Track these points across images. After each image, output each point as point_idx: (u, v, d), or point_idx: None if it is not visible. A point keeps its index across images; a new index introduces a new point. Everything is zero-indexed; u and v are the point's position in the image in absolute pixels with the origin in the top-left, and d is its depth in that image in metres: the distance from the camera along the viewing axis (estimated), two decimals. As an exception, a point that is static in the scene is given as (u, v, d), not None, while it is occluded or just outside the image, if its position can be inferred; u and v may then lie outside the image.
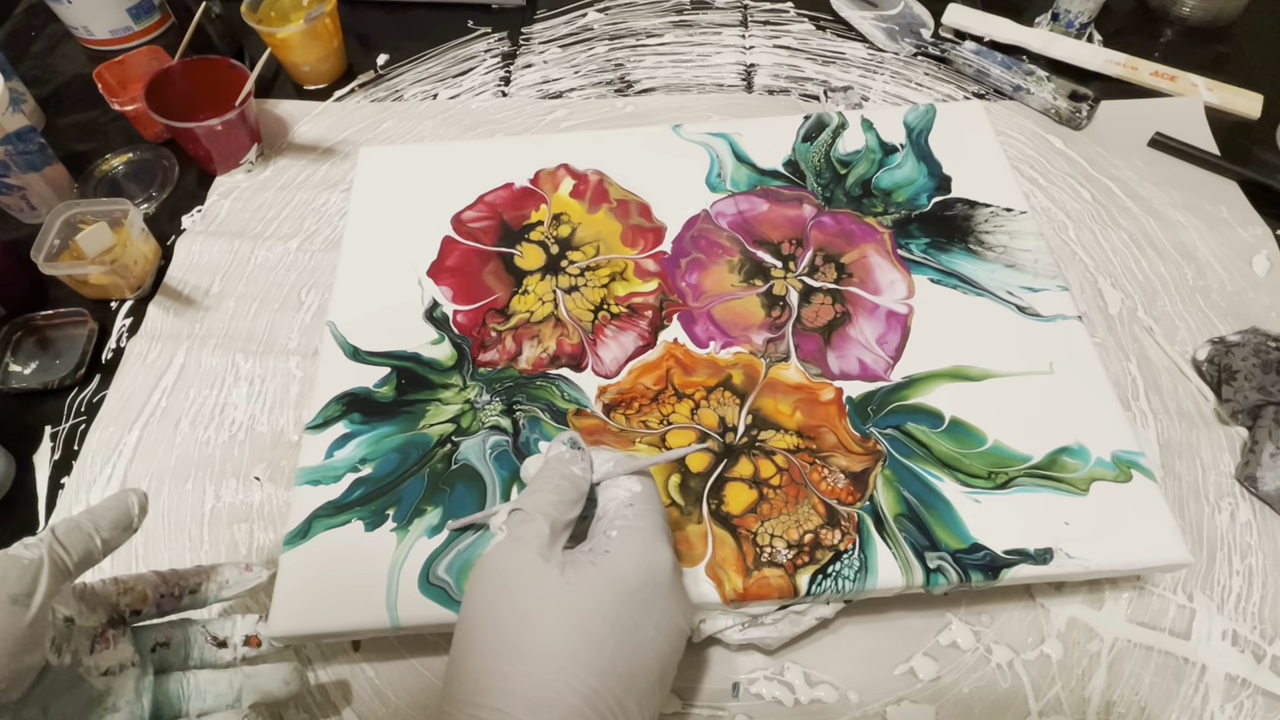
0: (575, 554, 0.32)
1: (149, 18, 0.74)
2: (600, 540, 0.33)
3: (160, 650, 0.37)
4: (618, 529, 0.33)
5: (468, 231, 0.53)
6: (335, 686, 0.41)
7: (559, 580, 0.31)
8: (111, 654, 0.34)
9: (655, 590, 0.32)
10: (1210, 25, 0.70)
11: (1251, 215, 0.58)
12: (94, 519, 0.34)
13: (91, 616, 0.34)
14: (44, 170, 0.60)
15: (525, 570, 0.31)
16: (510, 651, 0.30)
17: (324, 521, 0.41)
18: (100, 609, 0.35)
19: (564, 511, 0.33)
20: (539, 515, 0.33)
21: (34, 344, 0.55)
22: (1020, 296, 0.48)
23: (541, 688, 0.29)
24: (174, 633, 0.38)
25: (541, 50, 0.73)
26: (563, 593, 0.30)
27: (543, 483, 0.34)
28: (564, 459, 0.35)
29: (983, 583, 0.38)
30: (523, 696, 0.28)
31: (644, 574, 0.32)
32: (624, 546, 0.32)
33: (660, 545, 0.33)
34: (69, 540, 0.33)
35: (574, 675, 0.29)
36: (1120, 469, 0.41)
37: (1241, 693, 0.40)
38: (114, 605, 0.36)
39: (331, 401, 0.45)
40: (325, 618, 0.38)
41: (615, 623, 0.30)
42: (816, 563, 0.39)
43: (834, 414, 0.44)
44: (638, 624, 0.31)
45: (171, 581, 0.37)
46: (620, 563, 0.31)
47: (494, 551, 0.33)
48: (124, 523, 0.35)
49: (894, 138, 0.56)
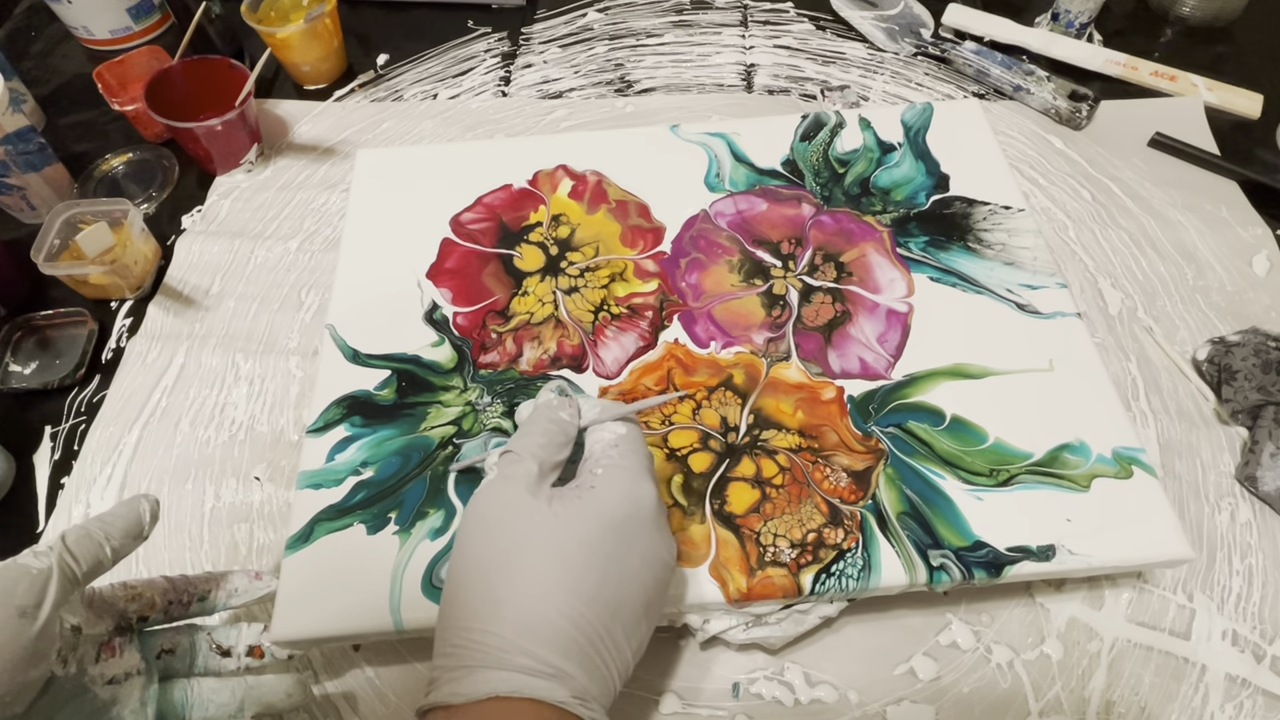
0: (562, 490, 0.33)
1: (149, 18, 0.74)
2: (586, 478, 0.34)
3: (165, 657, 0.36)
4: (603, 467, 0.34)
5: (466, 233, 0.53)
6: (335, 687, 0.41)
7: (546, 513, 0.32)
8: (117, 662, 0.34)
9: (639, 524, 0.33)
10: (1210, 25, 0.70)
11: (1251, 215, 0.58)
12: (105, 527, 0.34)
13: (99, 624, 0.34)
14: (44, 170, 0.60)
15: (514, 505, 0.32)
16: (500, 580, 0.31)
17: (326, 525, 0.41)
18: (108, 616, 0.34)
19: (552, 453, 0.34)
20: (528, 456, 0.34)
21: (34, 344, 0.55)
22: (1019, 294, 0.48)
23: (531, 613, 0.30)
24: (180, 639, 0.37)
25: (541, 50, 0.73)
26: (550, 524, 0.31)
27: (532, 427, 0.35)
28: (552, 405, 0.36)
29: (986, 580, 0.38)
30: (513, 620, 0.30)
31: (628, 508, 0.32)
32: (609, 482, 0.33)
33: (644, 482, 0.34)
34: (79, 549, 0.32)
35: (562, 600, 0.30)
36: (1121, 465, 0.41)
37: (1241, 693, 0.40)
38: (122, 612, 0.35)
39: (332, 404, 0.45)
40: (328, 622, 0.38)
41: (600, 552, 0.31)
42: (820, 562, 0.39)
43: (835, 413, 0.44)
44: (623, 555, 0.32)
45: (181, 588, 0.37)
46: (605, 497, 0.32)
47: (484, 489, 0.34)
48: (135, 531, 0.35)
49: (892, 136, 0.56)
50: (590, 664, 0.30)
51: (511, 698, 0.28)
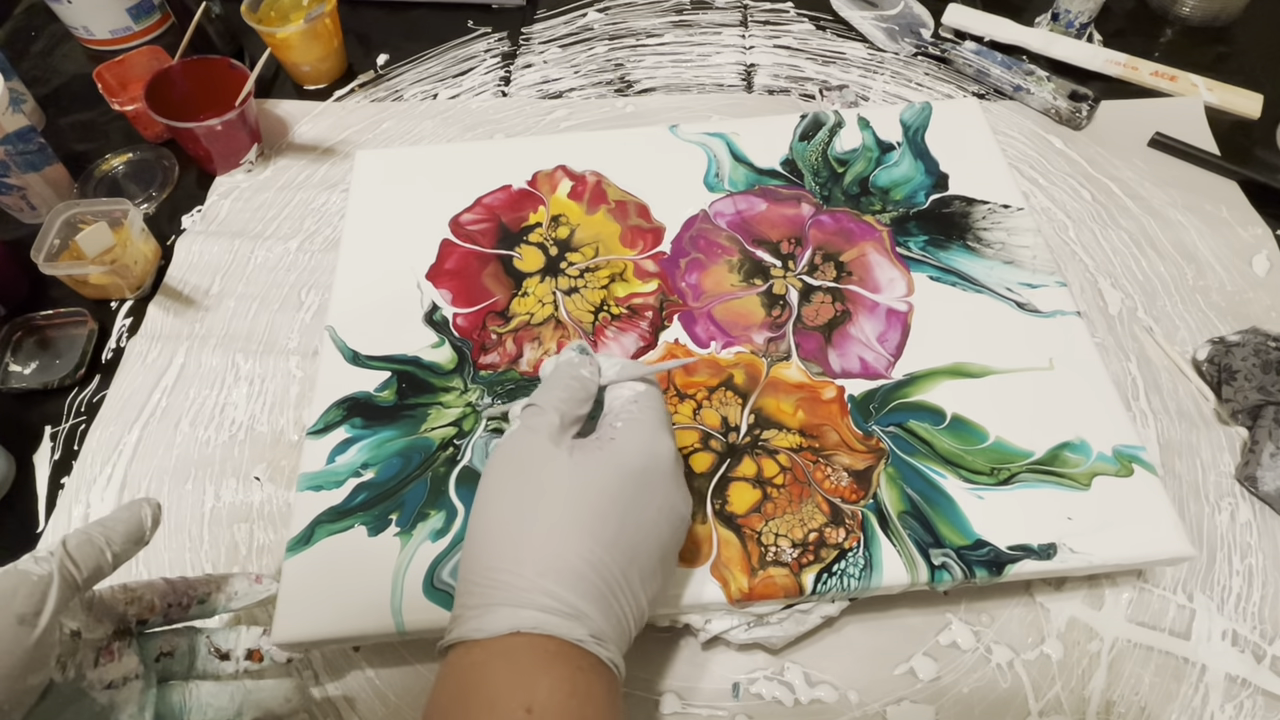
0: (583, 441, 0.34)
1: (149, 18, 0.74)
2: (606, 430, 0.35)
3: (164, 660, 0.36)
4: (623, 421, 0.35)
5: (466, 234, 0.53)
6: (335, 687, 0.41)
7: (567, 461, 0.33)
8: (116, 666, 0.34)
9: (657, 476, 0.33)
10: (1210, 25, 0.70)
11: (1251, 215, 0.58)
12: (106, 531, 0.34)
13: (98, 628, 0.34)
14: (44, 170, 0.60)
15: (536, 453, 0.33)
16: (522, 524, 0.32)
17: (327, 527, 0.41)
18: (107, 620, 0.34)
19: (573, 407, 0.35)
20: (550, 408, 0.35)
21: (34, 344, 0.55)
22: (1019, 293, 0.48)
23: (551, 555, 0.31)
24: (178, 642, 0.37)
25: (541, 50, 0.73)
26: (570, 472, 0.32)
27: (554, 383, 0.36)
28: (574, 363, 0.37)
29: (987, 579, 0.38)
30: (533, 561, 0.30)
31: (646, 460, 0.33)
32: (628, 435, 0.34)
33: (662, 436, 0.35)
34: (80, 555, 0.32)
35: (581, 544, 0.31)
36: (1121, 463, 0.41)
37: (1241, 693, 0.40)
38: (121, 615, 0.35)
39: (332, 406, 0.45)
40: (329, 624, 0.38)
41: (620, 500, 0.32)
42: (821, 561, 0.39)
43: (836, 412, 0.44)
44: (640, 504, 0.33)
45: (181, 590, 0.37)
46: (625, 448, 0.33)
47: (508, 439, 0.35)
48: (136, 535, 0.35)
49: (891, 136, 0.56)
50: (607, 607, 0.31)
51: (532, 633, 0.29)
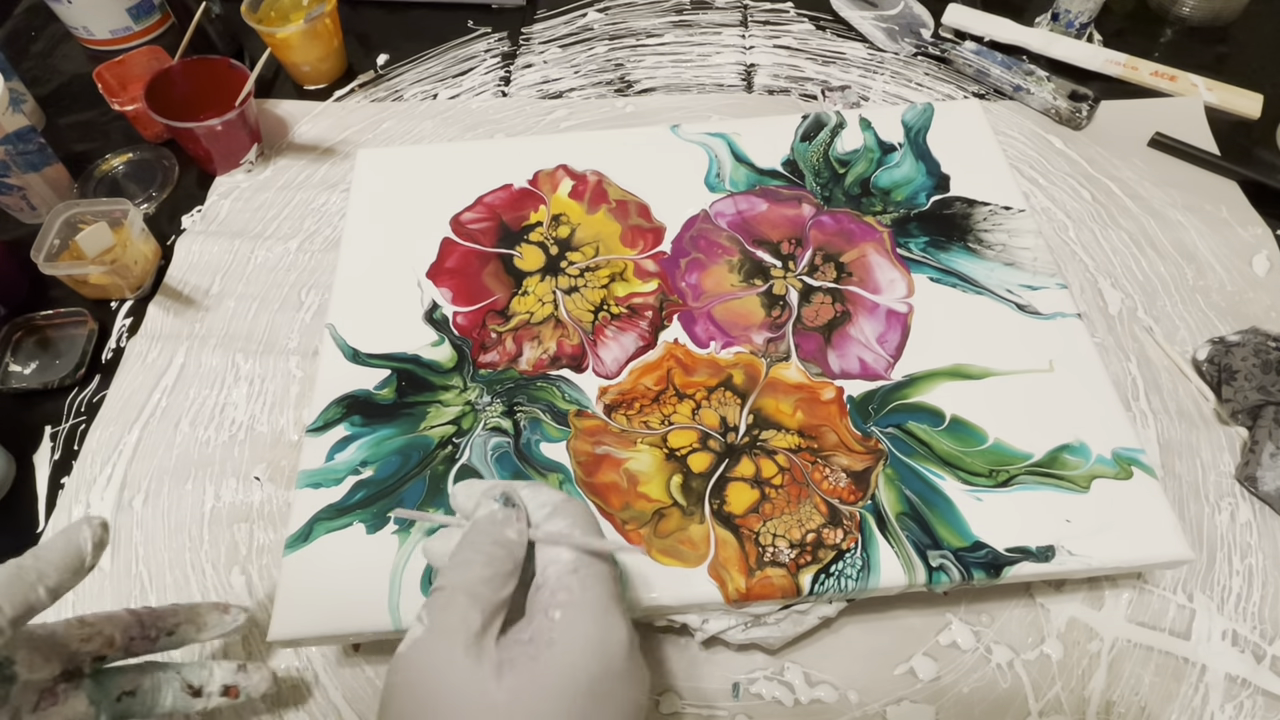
0: (511, 646, 0.27)
1: (149, 18, 0.74)
2: (542, 624, 0.27)
3: (125, 699, 0.33)
4: (561, 608, 0.27)
5: (467, 233, 0.53)
6: (335, 687, 0.41)
7: (495, 689, 0.25)
8: (58, 711, 0.30)
9: (611, 679, 0.27)
10: (1210, 25, 0.70)
11: (1251, 215, 0.58)
12: (39, 564, 0.30)
13: (43, 667, 0.30)
14: (44, 170, 0.60)
15: (453, 679, 0.26)
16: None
17: (325, 524, 0.41)
18: (55, 659, 0.31)
19: (496, 589, 0.28)
20: (464, 597, 0.27)
21: (34, 344, 0.55)
22: (1019, 294, 0.48)
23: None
24: (142, 680, 0.34)
25: (541, 50, 0.73)
26: (501, 707, 0.25)
27: (471, 553, 0.28)
28: (496, 520, 0.29)
29: (985, 581, 0.38)
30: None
31: (597, 664, 0.26)
32: (570, 632, 0.27)
33: (613, 622, 0.27)
34: (5, 593, 0.29)
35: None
36: (1121, 466, 0.41)
37: (1241, 693, 0.40)
38: (73, 654, 0.32)
39: (332, 404, 0.45)
40: (327, 621, 0.38)
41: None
42: (819, 562, 0.39)
43: (835, 413, 0.44)
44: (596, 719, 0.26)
45: (148, 622, 0.34)
46: (568, 656, 0.26)
47: (412, 652, 0.27)
48: (74, 565, 0.31)
49: (892, 137, 0.56)
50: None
51: None
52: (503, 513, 0.30)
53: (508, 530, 0.29)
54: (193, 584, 0.45)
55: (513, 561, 0.29)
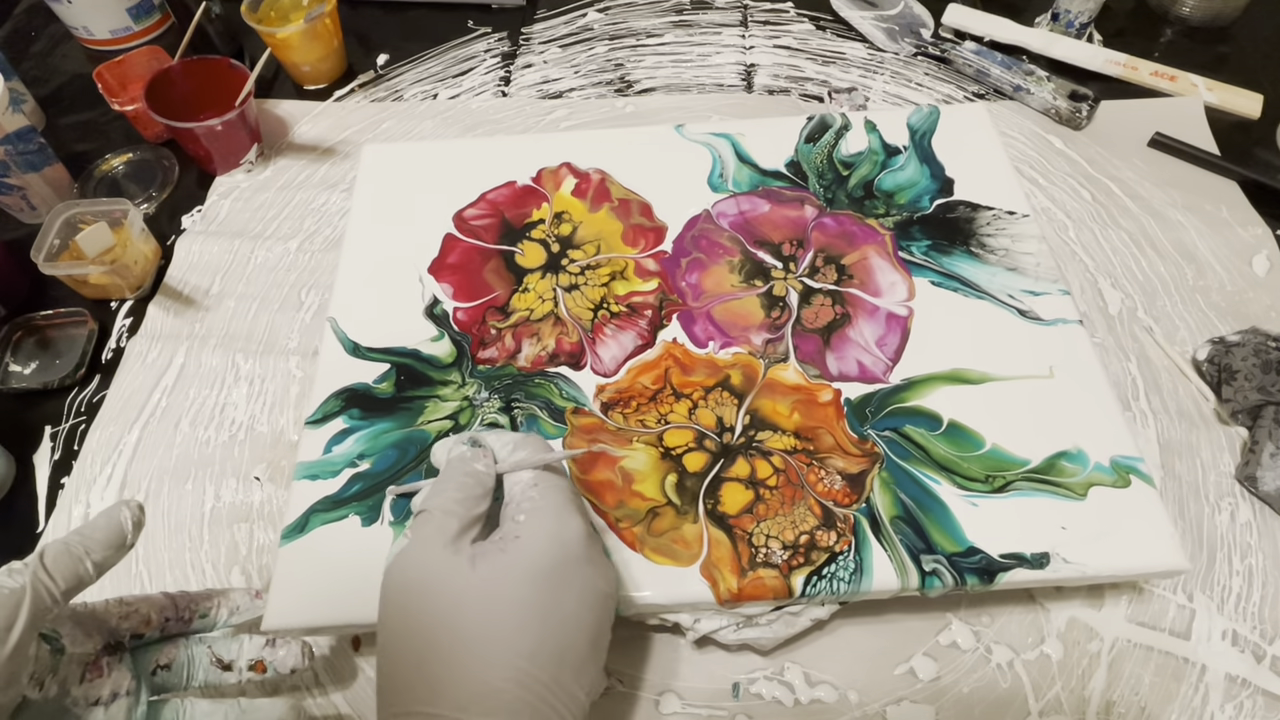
0: (485, 546, 0.32)
1: (149, 18, 0.74)
2: (509, 526, 0.32)
3: (160, 672, 0.35)
4: (525, 511, 0.32)
5: (469, 229, 0.53)
6: (335, 687, 0.41)
7: (471, 576, 0.30)
8: (103, 683, 0.32)
9: (570, 565, 0.31)
10: (1210, 25, 0.70)
11: (1251, 215, 0.58)
12: (85, 540, 0.32)
13: (87, 642, 0.32)
14: (44, 170, 0.60)
15: (436, 570, 0.30)
16: (433, 656, 0.29)
17: (321, 516, 0.41)
18: (97, 634, 0.33)
19: (469, 508, 0.32)
20: (442, 513, 0.32)
21: (34, 344, 0.55)
22: (1021, 300, 0.47)
23: (471, 685, 0.28)
24: (177, 653, 0.36)
25: (541, 50, 0.73)
26: (476, 586, 0.30)
27: (446, 483, 0.33)
28: (465, 458, 0.34)
29: (978, 586, 0.38)
30: (453, 697, 0.28)
31: (556, 551, 0.31)
32: (533, 528, 0.32)
33: (569, 518, 0.32)
34: (56, 567, 0.31)
35: (503, 665, 0.29)
36: (1119, 474, 0.41)
37: (1241, 693, 0.40)
38: (113, 629, 0.34)
39: (331, 396, 0.45)
40: (320, 612, 0.38)
41: (535, 606, 0.30)
42: (812, 564, 0.39)
43: (832, 415, 0.44)
44: (559, 602, 0.30)
45: (182, 605, 0.36)
46: (531, 545, 0.31)
47: (402, 556, 0.32)
48: (117, 541, 0.33)
49: (897, 139, 0.56)
50: (542, 717, 0.29)
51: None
52: (470, 451, 0.34)
53: (476, 464, 0.34)
54: (193, 584, 0.45)
55: (482, 488, 0.33)
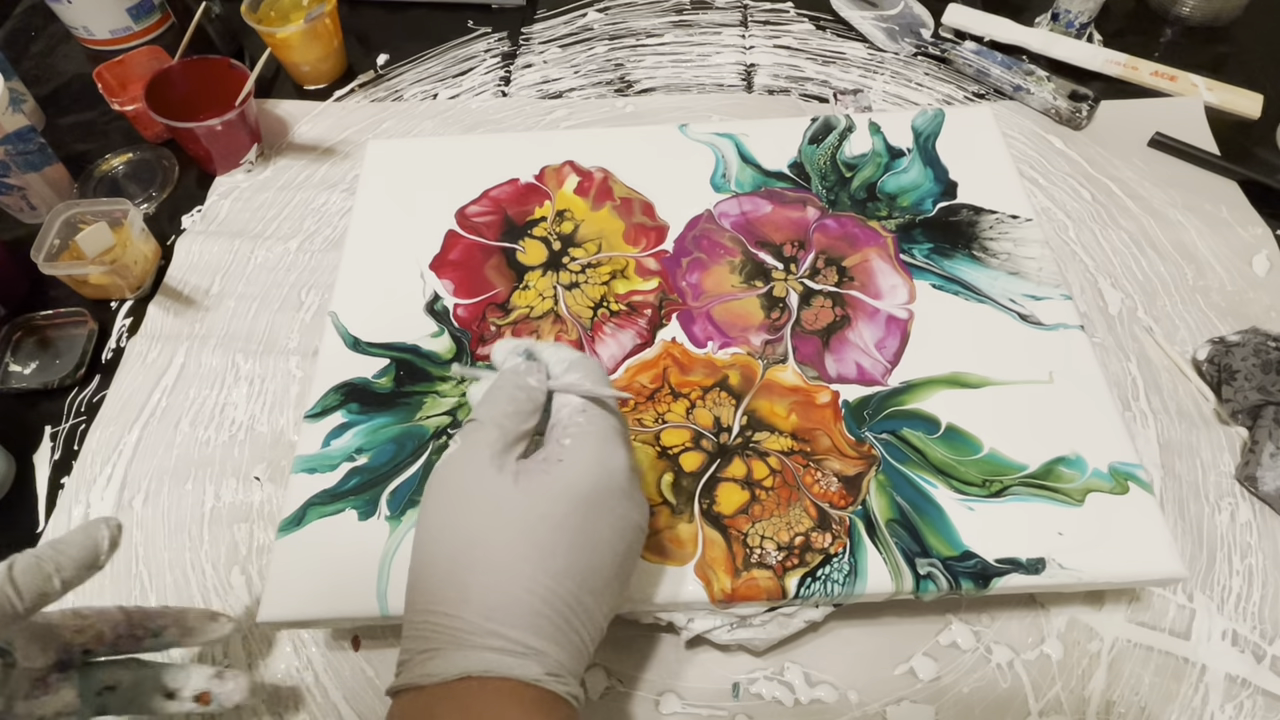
0: (529, 463, 0.32)
1: (149, 18, 0.74)
2: (554, 449, 0.32)
3: (106, 694, 0.34)
4: (571, 436, 0.32)
5: (471, 226, 0.53)
6: (335, 687, 0.41)
7: (512, 489, 0.30)
8: (49, 700, 0.31)
9: (610, 494, 0.31)
10: (1210, 25, 0.70)
11: (1251, 215, 0.58)
12: (57, 556, 0.31)
13: (39, 657, 0.31)
14: (44, 170, 0.60)
15: (479, 480, 0.31)
16: (466, 562, 0.30)
17: (318, 509, 0.41)
18: (50, 649, 0.32)
19: (518, 422, 0.32)
20: (492, 425, 0.32)
21: (34, 344, 0.55)
22: (1022, 304, 0.47)
23: (498, 595, 0.29)
24: (124, 676, 0.35)
25: (541, 50, 0.73)
26: (516, 503, 0.30)
27: (497, 394, 0.33)
28: (519, 371, 0.34)
29: (973, 591, 0.38)
30: (480, 603, 0.29)
31: (597, 478, 0.31)
32: (577, 453, 0.32)
33: (615, 449, 0.32)
34: (24, 580, 0.30)
35: (531, 579, 0.29)
36: (1117, 481, 0.41)
37: (1241, 693, 0.40)
38: (66, 644, 0.33)
39: (330, 391, 0.45)
40: (316, 605, 0.38)
41: (569, 528, 0.30)
42: (806, 565, 0.39)
43: (829, 417, 0.44)
44: (593, 527, 0.31)
45: (136, 621, 0.35)
46: (574, 469, 0.31)
47: (447, 461, 0.32)
48: (90, 560, 0.32)
49: (901, 142, 0.55)
50: (563, 636, 0.29)
51: (484, 676, 0.28)
52: (525, 365, 0.34)
53: (529, 378, 0.34)
54: (193, 584, 0.45)
55: (532, 403, 0.33)
